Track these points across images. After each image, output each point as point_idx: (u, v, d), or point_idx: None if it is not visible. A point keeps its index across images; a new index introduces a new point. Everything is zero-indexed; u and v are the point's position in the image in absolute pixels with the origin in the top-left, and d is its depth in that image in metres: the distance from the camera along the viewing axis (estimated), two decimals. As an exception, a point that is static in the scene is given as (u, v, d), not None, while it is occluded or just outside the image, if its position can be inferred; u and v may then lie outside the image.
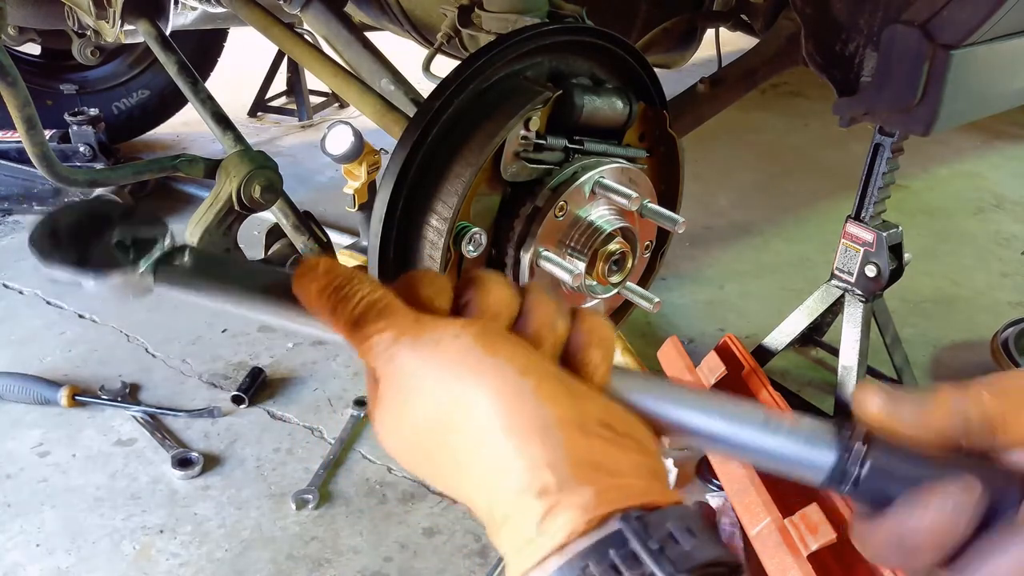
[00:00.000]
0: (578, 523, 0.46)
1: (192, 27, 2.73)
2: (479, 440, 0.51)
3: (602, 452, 0.50)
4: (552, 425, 0.51)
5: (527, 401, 0.52)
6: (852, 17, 1.50)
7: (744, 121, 4.15)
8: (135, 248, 0.59)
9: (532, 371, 0.54)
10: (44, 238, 0.59)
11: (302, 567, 1.66)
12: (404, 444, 0.57)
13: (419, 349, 0.55)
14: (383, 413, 0.57)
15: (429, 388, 0.54)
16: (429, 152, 1.07)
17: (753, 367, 2.07)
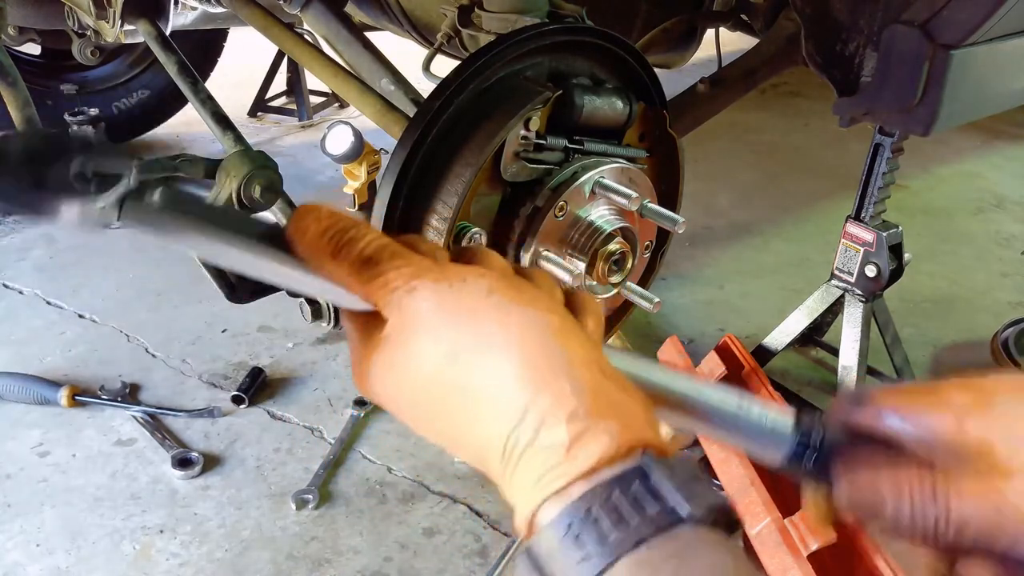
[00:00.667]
0: (608, 448, 0.47)
1: (192, 27, 2.73)
2: (501, 376, 0.50)
3: (619, 396, 0.51)
4: (577, 363, 0.51)
5: (552, 340, 0.52)
6: (852, 17, 1.50)
7: (744, 121, 4.15)
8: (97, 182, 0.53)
9: (557, 312, 0.55)
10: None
11: (302, 567, 1.66)
12: (410, 386, 0.54)
13: (444, 285, 0.53)
14: (388, 352, 0.54)
15: (451, 326, 0.52)
16: (429, 152, 1.07)
17: (753, 367, 2.07)
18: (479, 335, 0.52)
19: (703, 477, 0.48)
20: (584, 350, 0.53)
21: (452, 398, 0.52)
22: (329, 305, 1.41)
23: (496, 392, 0.50)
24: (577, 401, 0.49)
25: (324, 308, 1.41)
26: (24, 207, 0.52)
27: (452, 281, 0.54)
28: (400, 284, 0.53)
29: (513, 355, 0.51)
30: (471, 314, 0.53)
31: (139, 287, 2.62)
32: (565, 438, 0.47)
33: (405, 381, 0.54)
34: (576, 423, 0.48)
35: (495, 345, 0.51)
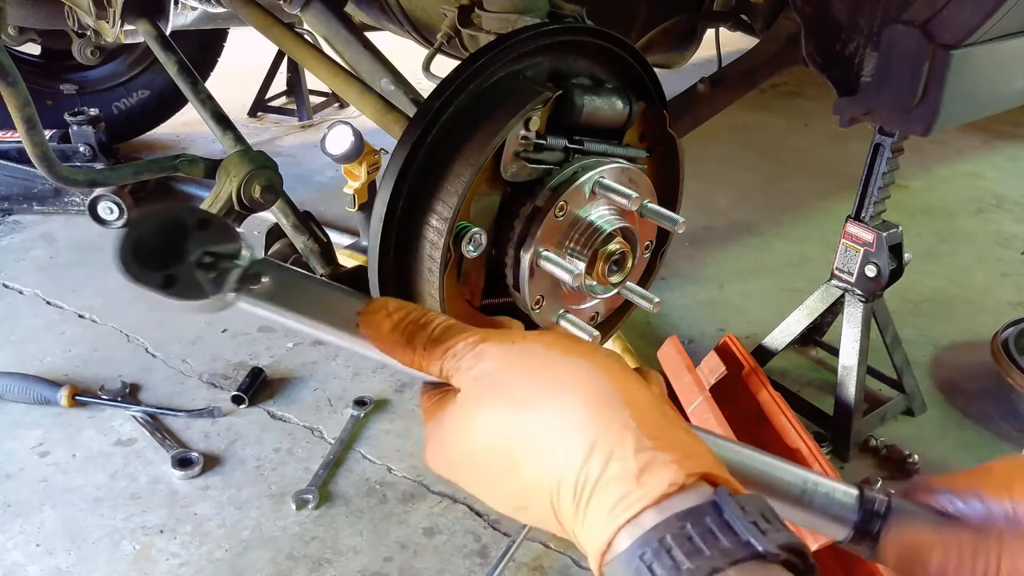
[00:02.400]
0: (677, 475, 0.47)
1: (192, 27, 2.73)
2: (567, 419, 0.52)
3: (681, 434, 0.52)
4: (640, 403, 0.53)
5: (613, 385, 0.54)
6: (852, 17, 1.50)
7: (744, 121, 4.15)
8: (216, 266, 0.60)
9: (616, 360, 0.58)
10: (130, 258, 0.59)
11: (302, 567, 1.66)
12: (481, 443, 0.56)
13: (507, 346, 0.57)
14: (458, 415, 0.57)
15: (517, 380, 0.55)
16: (429, 152, 1.07)
17: (753, 367, 2.07)
18: (544, 383, 0.55)
19: (775, 515, 0.48)
20: (646, 396, 0.55)
21: (523, 446, 0.54)
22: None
23: (564, 433, 0.52)
24: (643, 434, 0.50)
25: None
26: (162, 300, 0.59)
27: (514, 341, 0.58)
28: (468, 351, 0.58)
29: (577, 397, 0.53)
30: (535, 367, 0.56)
31: (139, 287, 2.62)
32: (634, 467, 0.48)
33: (477, 438, 0.56)
34: (643, 453, 0.49)
35: (560, 391, 0.54)
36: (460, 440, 0.57)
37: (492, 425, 0.55)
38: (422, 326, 0.60)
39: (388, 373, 2.24)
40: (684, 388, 2.08)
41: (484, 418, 0.56)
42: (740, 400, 2.05)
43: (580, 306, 1.23)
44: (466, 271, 1.13)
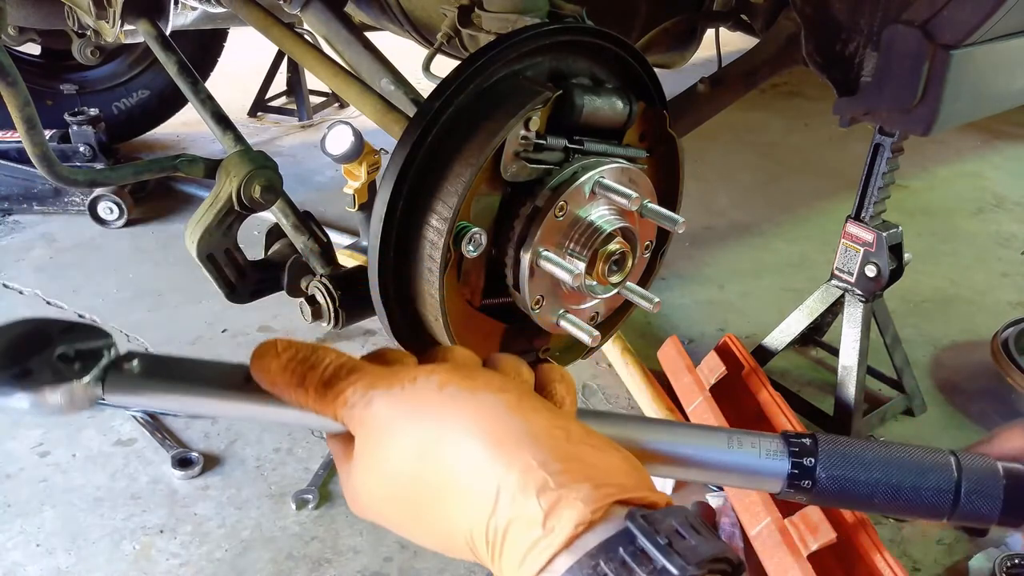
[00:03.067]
0: (583, 514, 0.46)
1: (192, 27, 2.73)
2: (467, 464, 0.50)
3: (591, 455, 0.50)
4: (539, 433, 0.51)
5: (510, 417, 0.52)
6: (852, 17, 1.50)
7: (744, 121, 4.15)
8: (81, 358, 0.56)
9: (510, 389, 0.55)
10: None
11: (302, 567, 1.66)
12: (385, 493, 0.55)
13: (394, 391, 0.55)
14: (361, 466, 0.56)
15: (409, 426, 0.53)
16: (429, 152, 1.07)
17: (753, 367, 2.07)
18: (439, 427, 0.52)
19: (697, 523, 0.46)
20: (546, 419, 0.52)
21: (429, 493, 0.52)
22: (329, 305, 1.40)
23: (467, 479, 0.50)
24: (544, 472, 0.48)
25: (324, 308, 1.41)
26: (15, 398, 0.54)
27: (404, 383, 0.55)
28: (357, 400, 0.55)
29: (475, 439, 0.51)
30: (427, 409, 0.53)
31: (139, 287, 2.62)
32: (538, 512, 0.47)
33: (381, 487, 0.55)
34: (547, 494, 0.47)
35: (455, 433, 0.52)
36: (367, 489, 0.56)
37: (394, 475, 0.54)
38: (311, 366, 0.57)
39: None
40: (684, 388, 2.09)
41: (384, 468, 0.54)
42: (740, 400, 2.05)
43: (580, 306, 1.23)
44: (466, 271, 1.13)
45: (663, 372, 2.21)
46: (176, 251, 2.83)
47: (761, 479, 0.62)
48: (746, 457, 0.61)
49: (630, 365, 2.19)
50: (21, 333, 0.57)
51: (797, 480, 0.61)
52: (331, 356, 0.58)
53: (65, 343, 0.57)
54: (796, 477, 0.61)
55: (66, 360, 0.56)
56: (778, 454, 0.61)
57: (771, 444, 0.62)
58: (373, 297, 1.14)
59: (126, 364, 0.58)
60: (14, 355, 0.55)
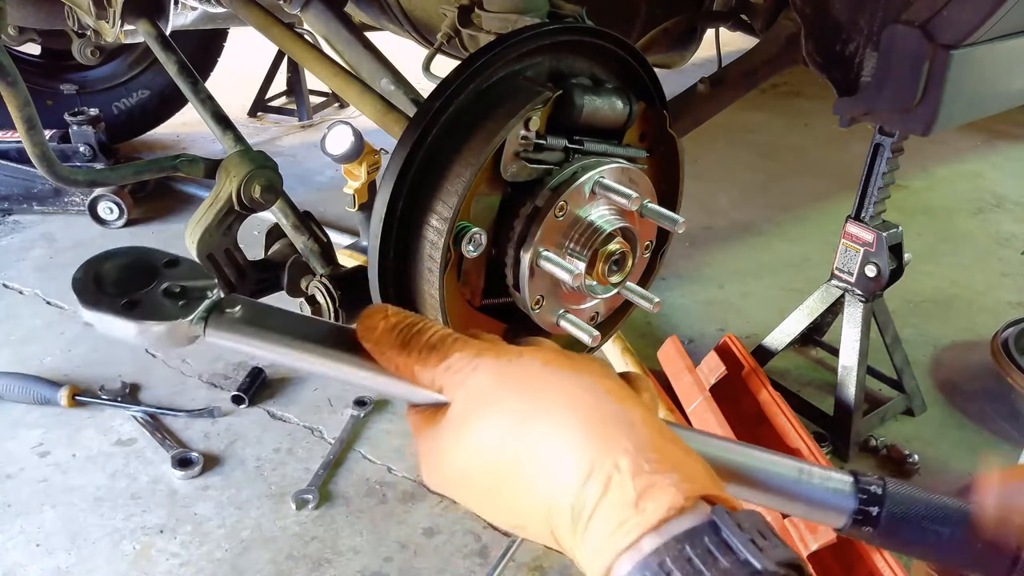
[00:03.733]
0: (675, 499, 0.47)
1: (192, 27, 2.73)
2: (564, 439, 0.52)
3: (677, 453, 0.52)
4: (635, 421, 0.53)
5: (609, 401, 0.54)
6: (852, 17, 1.50)
7: (744, 121, 4.15)
8: (185, 295, 0.58)
9: (613, 377, 0.57)
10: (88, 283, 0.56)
11: (302, 567, 1.66)
12: (476, 461, 0.56)
13: (502, 363, 0.57)
14: (452, 431, 0.56)
15: (512, 396, 0.55)
16: (429, 152, 1.07)
17: (753, 367, 2.07)
18: (540, 401, 0.54)
19: (771, 530, 0.48)
20: (642, 410, 0.54)
21: (518, 465, 0.53)
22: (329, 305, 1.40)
23: (561, 454, 0.52)
24: (641, 457, 0.50)
25: (324, 308, 1.41)
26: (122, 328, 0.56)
27: (511, 356, 0.57)
28: (463, 365, 0.57)
29: (574, 417, 0.52)
30: (531, 383, 0.55)
31: (139, 287, 2.62)
32: (632, 493, 0.48)
33: (473, 456, 0.56)
34: (641, 478, 0.49)
35: (556, 409, 0.53)
36: (454, 457, 0.57)
37: (487, 443, 0.55)
38: (419, 332, 0.59)
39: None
40: (684, 388, 2.09)
41: (479, 435, 0.55)
42: (740, 400, 2.05)
43: (580, 306, 1.23)
44: (466, 271, 1.13)
45: (663, 372, 2.21)
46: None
47: (825, 513, 0.63)
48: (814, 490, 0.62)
49: (630, 365, 2.19)
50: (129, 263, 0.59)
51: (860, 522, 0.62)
52: (437, 326, 0.60)
53: (171, 278, 0.58)
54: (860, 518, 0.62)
55: (171, 295, 0.57)
56: (846, 492, 0.63)
57: (840, 482, 0.63)
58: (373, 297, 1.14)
59: (229, 308, 0.60)
60: (124, 285, 0.57)
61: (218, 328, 0.59)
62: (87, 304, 0.56)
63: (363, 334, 0.60)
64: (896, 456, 2.01)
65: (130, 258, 0.59)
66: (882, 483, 0.63)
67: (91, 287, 0.56)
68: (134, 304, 0.56)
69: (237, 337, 0.60)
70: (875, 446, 2.05)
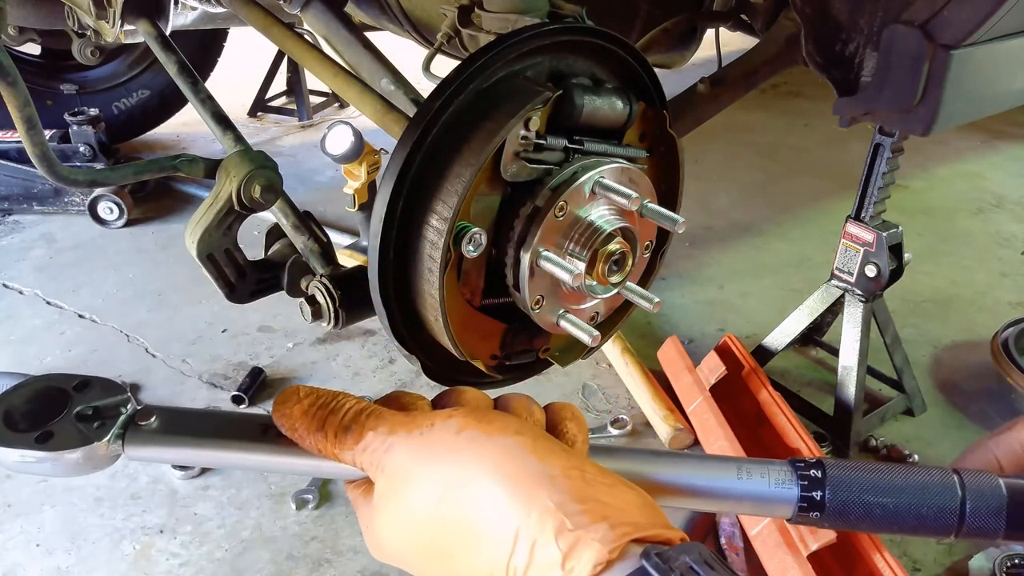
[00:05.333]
0: (601, 555, 0.47)
1: (192, 27, 2.73)
2: (487, 507, 0.52)
3: (606, 494, 0.52)
4: (556, 475, 0.52)
5: (527, 459, 0.53)
6: (852, 17, 1.50)
7: (744, 121, 4.15)
8: (99, 416, 0.57)
9: (526, 432, 0.56)
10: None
11: (302, 567, 1.66)
12: (407, 537, 0.56)
13: (414, 437, 0.56)
14: (381, 510, 0.57)
15: (430, 470, 0.54)
16: (429, 152, 1.07)
17: (753, 367, 2.07)
18: (459, 471, 0.54)
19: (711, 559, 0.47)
20: (562, 460, 0.54)
21: (450, 537, 0.53)
22: (329, 305, 1.40)
23: (487, 522, 0.51)
24: (562, 514, 0.49)
25: (324, 308, 1.41)
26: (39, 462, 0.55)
27: (422, 428, 0.56)
28: (377, 445, 0.57)
29: (495, 482, 0.52)
30: (447, 454, 0.55)
31: (139, 287, 2.62)
32: (557, 555, 0.48)
33: (403, 531, 0.56)
34: (565, 536, 0.48)
35: (475, 476, 0.53)
36: (389, 534, 0.57)
37: (415, 518, 0.55)
38: (332, 411, 0.59)
39: (388, 373, 2.24)
40: (684, 388, 2.09)
41: (406, 513, 0.55)
42: (740, 400, 2.05)
43: (580, 306, 1.23)
44: (466, 271, 1.13)
45: (663, 372, 2.21)
46: (176, 251, 2.84)
47: (771, 507, 0.63)
48: (756, 486, 0.62)
49: (630, 365, 2.19)
50: (38, 392, 0.58)
51: (806, 508, 0.62)
52: (351, 402, 0.60)
53: (83, 401, 0.58)
54: (805, 505, 0.62)
55: (85, 419, 0.57)
56: (787, 482, 0.63)
57: (780, 473, 0.63)
58: (373, 297, 1.14)
59: (144, 421, 0.59)
60: (35, 417, 0.56)
61: (136, 443, 0.58)
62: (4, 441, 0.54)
63: (280, 421, 0.60)
64: (896, 456, 2.01)
65: (39, 387, 0.58)
66: (821, 467, 0.63)
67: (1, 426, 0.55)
68: (47, 436, 0.55)
69: (157, 450, 0.59)
70: (875, 446, 2.05)
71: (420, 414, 0.59)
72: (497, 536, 0.50)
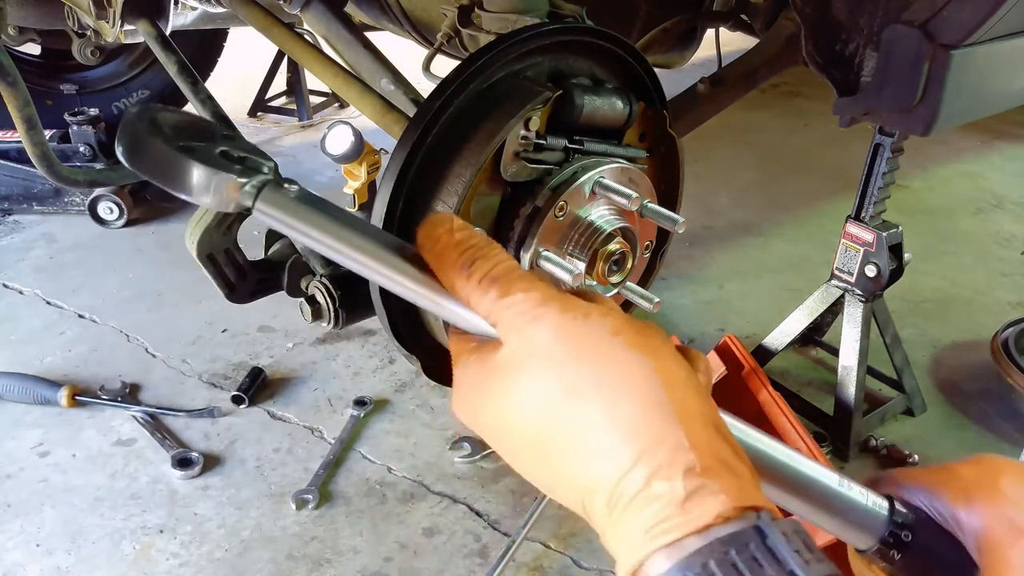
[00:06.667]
0: (725, 506, 0.46)
1: (192, 27, 2.73)
2: (618, 421, 0.49)
3: (731, 456, 0.50)
4: (696, 417, 0.50)
5: (674, 391, 0.51)
6: (852, 17, 1.50)
7: (744, 121, 4.14)
8: (241, 164, 0.54)
9: (681, 365, 0.54)
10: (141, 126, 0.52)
11: (302, 567, 1.66)
12: (516, 415, 0.52)
13: (567, 318, 0.52)
14: (501, 376, 0.53)
15: (571, 362, 0.51)
16: (429, 152, 1.07)
17: (753, 367, 2.07)
18: (600, 375, 0.51)
19: (814, 546, 0.47)
20: (702, 406, 0.52)
21: (564, 433, 0.51)
22: (329, 305, 1.40)
23: (611, 435, 0.49)
24: (694, 456, 0.48)
25: (324, 308, 1.41)
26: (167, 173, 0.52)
27: (577, 314, 0.52)
28: (526, 308, 0.52)
29: (633, 402, 0.50)
30: (594, 352, 0.51)
31: (139, 287, 2.62)
32: (681, 492, 0.47)
33: (518, 410, 0.52)
34: (692, 478, 0.47)
35: (616, 389, 0.50)
36: (498, 404, 0.53)
37: (536, 402, 0.51)
38: (484, 256, 0.54)
39: (388, 373, 2.24)
40: (684, 388, 2.08)
41: (528, 391, 0.52)
42: (740, 400, 2.05)
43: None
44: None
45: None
46: (176, 251, 2.83)
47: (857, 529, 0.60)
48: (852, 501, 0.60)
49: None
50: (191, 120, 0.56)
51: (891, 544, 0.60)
52: (504, 255, 0.55)
53: (229, 145, 0.55)
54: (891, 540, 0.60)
55: (229, 158, 0.54)
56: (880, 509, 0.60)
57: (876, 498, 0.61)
58: (373, 297, 1.14)
59: (285, 185, 0.56)
60: (182, 133, 0.53)
61: (270, 201, 0.55)
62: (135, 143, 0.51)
63: (423, 242, 0.56)
64: (896, 456, 2.01)
65: (191, 119, 0.56)
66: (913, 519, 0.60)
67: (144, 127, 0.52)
68: (188, 150, 0.52)
69: (287, 216, 0.55)
70: (875, 446, 2.05)
71: (574, 298, 0.54)
72: (617, 451, 0.48)
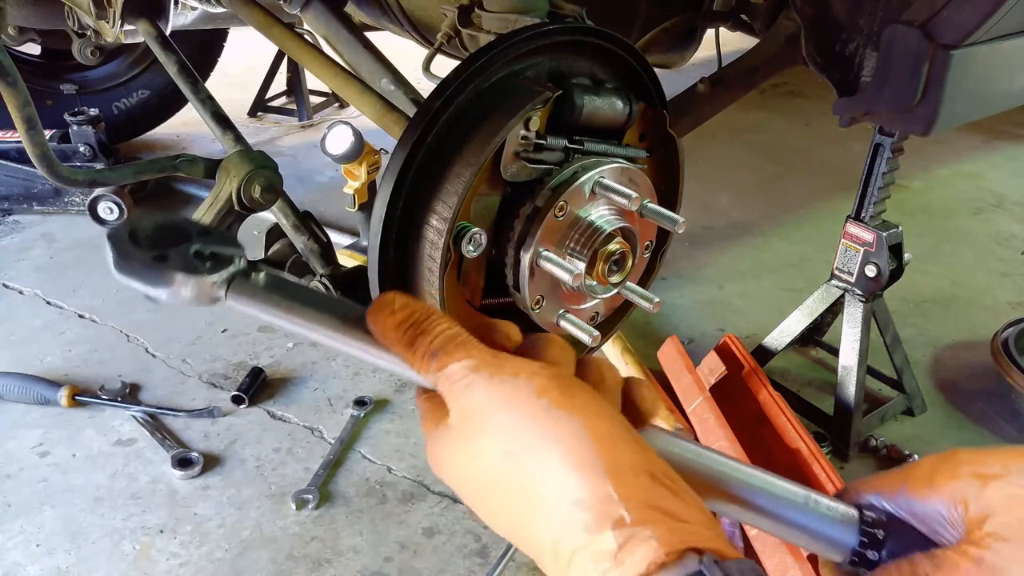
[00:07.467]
0: (657, 555, 0.47)
1: (192, 27, 2.73)
2: (552, 477, 0.52)
3: (669, 500, 0.52)
4: (625, 468, 0.52)
5: (602, 444, 0.53)
6: (852, 17, 1.50)
7: (744, 121, 4.15)
8: (212, 260, 0.60)
9: (606, 417, 0.56)
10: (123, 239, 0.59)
11: (302, 567, 1.66)
12: (468, 476, 0.57)
13: (497, 382, 0.57)
14: (450, 442, 0.58)
15: (501, 425, 0.55)
16: (429, 152, 1.07)
17: (753, 367, 2.07)
18: (530, 437, 0.54)
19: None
20: (634, 455, 0.54)
21: (508, 493, 0.55)
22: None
23: (547, 495, 0.52)
24: (623, 507, 0.50)
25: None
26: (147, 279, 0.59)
27: (505, 377, 0.57)
28: (459, 377, 0.58)
29: (562, 461, 0.52)
30: (523, 414, 0.55)
31: (139, 287, 2.62)
32: (612, 544, 0.48)
33: (467, 471, 0.57)
34: (622, 530, 0.48)
35: (545, 450, 0.53)
36: (450, 466, 0.59)
37: (476, 466, 0.56)
38: (423, 332, 0.60)
39: (388, 373, 2.24)
40: (684, 388, 2.09)
41: (469, 455, 0.56)
42: (740, 400, 2.05)
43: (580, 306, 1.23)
44: (466, 271, 1.13)
45: (663, 372, 2.21)
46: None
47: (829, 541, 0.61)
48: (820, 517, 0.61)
49: (630, 365, 2.19)
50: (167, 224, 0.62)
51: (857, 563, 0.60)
52: (443, 325, 0.60)
53: (202, 243, 0.61)
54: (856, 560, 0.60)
55: (200, 258, 0.60)
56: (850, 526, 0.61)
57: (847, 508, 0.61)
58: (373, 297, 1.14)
59: (253, 274, 0.62)
60: (155, 241, 0.60)
61: (239, 293, 0.61)
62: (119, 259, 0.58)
63: (372, 328, 0.62)
64: (896, 456, 2.01)
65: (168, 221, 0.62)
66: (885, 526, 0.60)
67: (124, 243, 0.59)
68: (163, 258, 0.59)
69: (256, 303, 0.61)
70: (875, 446, 2.05)
71: (506, 359, 0.59)
72: (554, 511, 0.51)
